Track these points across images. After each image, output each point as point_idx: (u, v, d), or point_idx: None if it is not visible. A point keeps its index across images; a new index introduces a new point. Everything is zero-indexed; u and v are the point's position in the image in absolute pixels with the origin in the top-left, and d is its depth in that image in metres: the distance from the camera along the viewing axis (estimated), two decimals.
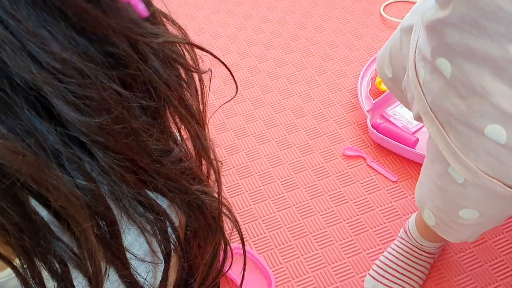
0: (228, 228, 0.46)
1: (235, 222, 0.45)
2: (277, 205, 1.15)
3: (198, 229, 0.41)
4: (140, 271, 0.36)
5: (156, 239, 0.37)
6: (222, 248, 0.46)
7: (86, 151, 0.29)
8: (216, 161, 0.42)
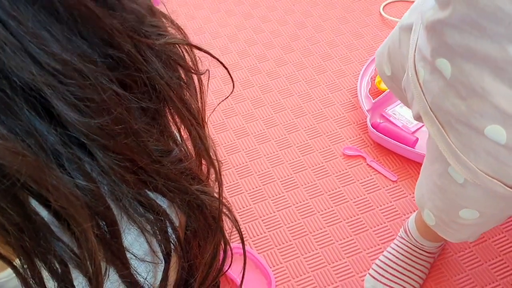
0: (228, 228, 0.46)
1: (235, 222, 0.45)
2: (277, 205, 1.16)
3: (198, 229, 0.41)
4: (140, 271, 0.36)
5: (156, 239, 0.37)
6: (222, 247, 0.46)
7: (86, 152, 0.29)
8: (217, 161, 0.42)
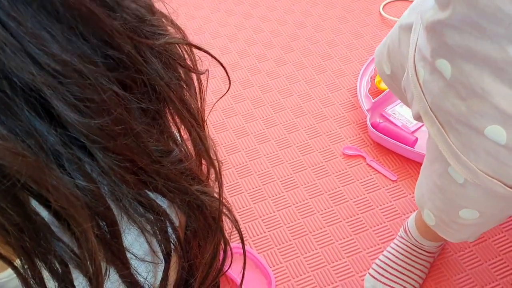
0: (228, 228, 0.46)
1: (235, 222, 0.45)
2: (276, 205, 1.16)
3: (198, 229, 0.41)
4: (141, 271, 0.37)
5: (156, 239, 0.37)
6: (222, 247, 0.46)
7: (86, 152, 0.29)
8: (217, 161, 0.42)
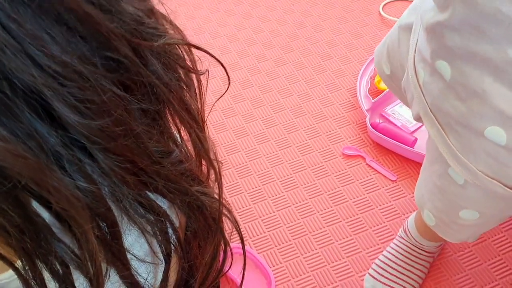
0: (228, 228, 0.46)
1: (235, 223, 0.45)
2: (276, 205, 1.16)
3: (198, 229, 0.41)
4: (141, 272, 0.37)
5: (156, 240, 0.37)
6: (222, 248, 0.46)
7: (87, 153, 0.29)
8: (217, 162, 0.42)
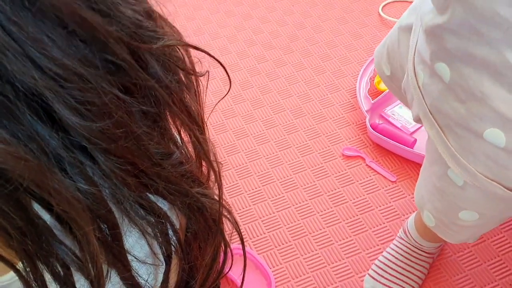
0: (228, 229, 0.46)
1: (235, 224, 0.46)
2: (276, 206, 1.16)
3: (199, 231, 0.41)
4: (141, 273, 0.37)
5: (157, 241, 0.37)
6: (222, 249, 0.46)
7: (88, 155, 0.29)
8: (217, 163, 0.42)
